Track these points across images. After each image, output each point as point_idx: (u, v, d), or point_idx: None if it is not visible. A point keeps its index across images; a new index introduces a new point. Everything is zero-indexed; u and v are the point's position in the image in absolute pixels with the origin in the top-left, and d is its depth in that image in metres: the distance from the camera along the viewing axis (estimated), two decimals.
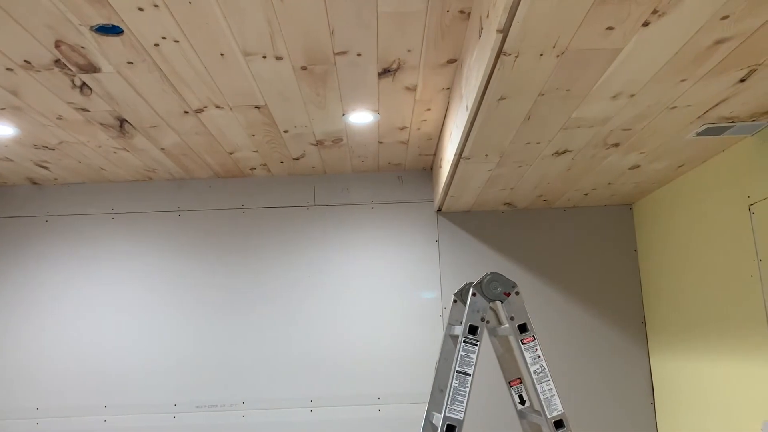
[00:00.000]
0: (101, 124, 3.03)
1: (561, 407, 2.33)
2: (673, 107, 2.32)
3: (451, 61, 2.54)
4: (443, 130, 3.24)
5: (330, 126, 3.20)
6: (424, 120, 3.18)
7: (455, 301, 2.86)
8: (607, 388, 3.77)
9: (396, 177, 4.03)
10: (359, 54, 2.44)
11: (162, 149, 3.43)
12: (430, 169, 4.03)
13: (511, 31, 1.71)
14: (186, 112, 2.93)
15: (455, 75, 2.66)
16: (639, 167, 3.09)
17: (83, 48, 2.30)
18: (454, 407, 2.33)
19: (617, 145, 2.75)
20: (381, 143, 3.50)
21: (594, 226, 3.94)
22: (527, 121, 2.41)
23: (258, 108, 2.93)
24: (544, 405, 2.33)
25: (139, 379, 3.78)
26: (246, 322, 3.85)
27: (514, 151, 2.77)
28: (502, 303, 2.45)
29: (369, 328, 3.84)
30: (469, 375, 2.37)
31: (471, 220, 3.96)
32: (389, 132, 3.33)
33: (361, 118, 3.11)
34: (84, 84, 2.60)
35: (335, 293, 3.88)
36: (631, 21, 1.69)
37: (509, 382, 2.64)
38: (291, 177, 4.03)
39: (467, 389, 2.35)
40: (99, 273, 3.89)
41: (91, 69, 2.47)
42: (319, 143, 3.45)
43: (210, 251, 3.93)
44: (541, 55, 1.86)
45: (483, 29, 1.95)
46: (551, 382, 2.35)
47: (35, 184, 3.99)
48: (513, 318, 2.42)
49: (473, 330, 2.41)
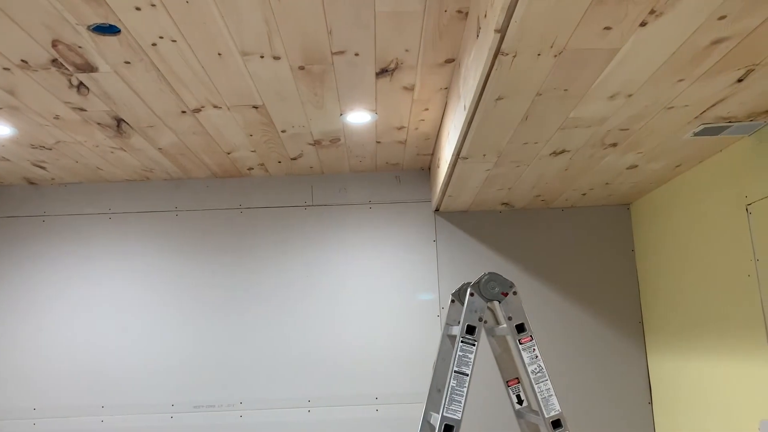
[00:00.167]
0: (98, 123, 3.02)
1: (558, 407, 2.33)
2: (671, 107, 2.33)
3: (449, 61, 2.54)
4: (441, 129, 3.24)
5: (328, 126, 3.20)
6: (421, 120, 3.18)
7: (453, 301, 2.86)
8: (605, 387, 3.77)
9: (394, 177, 4.03)
10: (357, 54, 2.44)
11: (159, 149, 3.42)
12: (427, 169, 4.03)
13: (509, 31, 1.71)
14: (183, 111, 2.92)
15: (453, 75, 2.66)
16: (636, 167, 3.10)
17: (80, 47, 2.29)
18: (451, 407, 2.33)
19: (615, 145, 2.75)
20: (379, 143, 3.49)
21: (591, 226, 3.95)
22: (525, 121, 2.41)
23: (255, 108, 2.93)
24: (541, 405, 2.33)
25: (137, 379, 3.77)
26: (243, 322, 3.84)
27: (511, 151, 2.77)
28: (499, 303, 2.45)
29: (367, 328, 3.84)
30: (467, 375, 2.37)
31: (469, 220, 3.96)
32: (387, 132, 3.33)
33: (359, 117, 3.11)
34: (81, 83, 2.59)
35: (333, 293, 3.88)
36: (629, 21, 1.69)
37: (507, 381, 2.64)
38: (289, 177, 4.02)
39: (465, 389, 2.35)
40: (96, 273, 3.89)
41: (88, 68, 2.46)
42: (317, 143, 3.45)
43: (207, 251, 3.92)
44: (539, 55, 1.86)
45: (481, 29, 1.95)
46: (549, 382, 2.35)
47: (32, 183, 3.98)
48: (511, 318, 2.42)
49: (471, 330, 2.41)
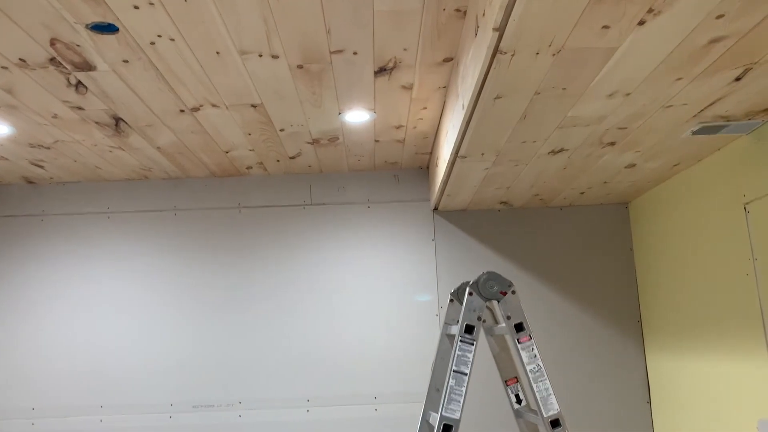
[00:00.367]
0: (97, 122, 3.02)
1: (557, 406, 2.33)
2: (669, 106, 2.33)
3: (448, 60, 2.54)
4: (439, 128, 3.24)
5: (326, 125, 3.20)
6: (420, 119, 3.18)
7: (452, 301, 2.86)
8: (603, 387, 3.77)
9: (392, 176, 4.03)
10: (355, 52, 2.44)
11: (158, 148, 3.42)
12: (426, 168, 4.03)
13: (507, 30, 1.71)
14: (182, 110, 2.92)
15: (451, 73, 2.66)
16: (635, 166, 3.10)
17: (78, 46, 2.29)
18: (450, 406, 2.33)
19: (613, 144, 2.75)
20: (377, 142, 3.49)
21: (590, 225, 3.95)
22: (523, 120, 2.41)
23: (254, 107, 2.93)
24: (540, 404, 2.33)
25: (136, 379, 3.77)
26: (242, 321, 3.84)
27: (510, 150, 2.77)
28: (498, 302, 2.45)
29: (366, 327, 3.84)
30: (466, 374, 2.37)
31: (467, 219, 3.96)
32: (385, 131, 3.33)
33: (358, 116, 3.11)
34: (79, 82, 2.59)
35: (332, 292, 3.88)
36: (627, 20, 1.69)
37: (506, 381, 2.64)
38: (287, 176, 4.02)
39: (464, 388, 2.35)
40: (95, 272, 3.89)
41: (87, 67, 2.46)
42: (316, 142, 3.44)
43: (206, 250, 3.92)
44: (537, 54, 1.86)
45: (479, 28, 1.95)
46: (547, 381, 2.35)
47: (30, 183, 3.98)
48: (509, 317, 2.42)
49: (470, 329, 2.42)
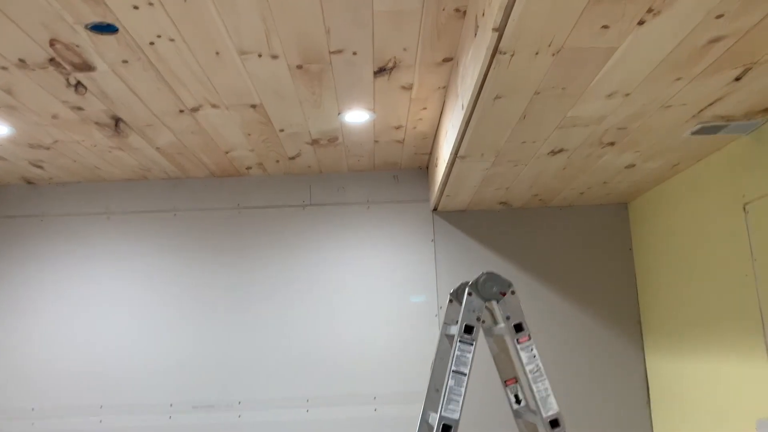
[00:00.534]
0: (96, 123, 3.02)
1: (556, 406, 2.33)
2: (668, 106, 2.33)
3: (447, 60, 2.54)
4: (439, 129, 3.24)
5: (326, 125, 3.20)
6: (419, 119, 3.18)
7: (451, 301, 2.86)
8: (603, 387, 3.77)
9: (392, 176, 4.03)
10: (355, 53, 2.44)
11: (157, 148, 3.42)
12: (425, 169, 4.03)
13: (507, 30, 1.71)
14: (181, 111, 2.92)
15: (451, 74, 2.66)
16: (634, 166, 3.10)
17: (78, 46, 2.29)
18: (450, 407, 2.33)
19: (612, 144, 2.75)
20: (377, 142, 3.49)
21: (589, 225, 3.95)
22: (523, 120, 2.41)
23: (253, 107, 2.93)
24: (539, 404, 2.33)
25: (135, 379, 3.77)
26: (242, 321, 3.84)
27: (509, 150, 2.77)
28: (497, 302, 2.45)
29: (365, 327, 3.84)
30: (465, 374, 2.37)
31: (467, 219, 3.96)
32: (385, 131, 3.33)
33: (357, 117, 3.11)
34: (79, 83, 2.59)
35: (331, 293, 3.88)
36: (627, 20, 1.69)
37: (505, 381, 2.64)
38: (287, 176, 4.02)
39: (463, 389, 2.35)
40: (94, 272, 3.88)
41: (86, 68, 2.46)
42: (315, 142, 3.44)
43: (205, 251, 3.92)
44: (537, 54, 1.86)
45: (479, 28, 1.95)
46: (547, 381, 2.35)
47: (30, 183, 3.98)
48: (509, 317, 2.42)
49: (469, 329, 2.41)
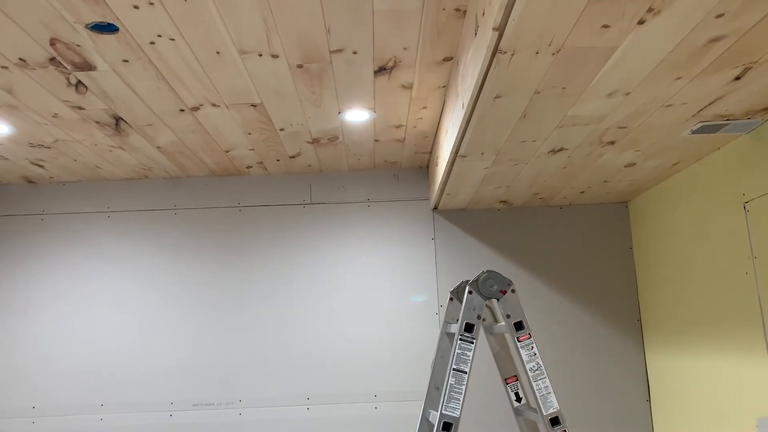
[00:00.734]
0: (97, 122, 3.02)
1: (557, 404, 2.34)
2: (669, 105, 2.33)
3: (447, 59, 2.54)
4: (439, 128, 3.25)
5: (326, 124, 3.20)
6: (420, 118, 3.18)
7: (451, 299, 2.86)
8: (603, 385, 3.78)
9: (392, 175, 4.03)
10: (355, 52, 2.44)
11: (158, 147, 3.42)
12: (426, 167, 4.04)
13: (507, 29, 1.72)
14: (182, 110, 2.92)
15: (451, 73, 2.66)
16: (634, 165, 3.10)
17: (78, 46, 2.29)
18: (450, 405, 2.34)
19: (613, 143, 2.75)
20: (377, 141, 3.50)
21: (590, 223, 3.95)
22: (523, 119, 2.41)
23: (254, 106, 2.93)
24: (540, 402, 2.34)
25: (136, 378, 3.78)
26: (242, 320, 3.85)
27: (510, 149, 2.78)
28: (498, 301, 2.45)
29: (365, 326, 3.84)
30: (466, 372, 2.37)
31: (467, 218, 3.97)
32: (385, 130, 3.33)
33: (357, 116, 3.11)
34: (79, 82, 2.59)
35: (332, 291, 3.88)
36: (627, 19, 1.69)
37: (505, 379, 2.64)
38: (287, 175, 4.03)
39: (464, 387, 2.36)
40: (95, 271, 3.89)
41: (87, 67, 2.46)
42: (315, 141, 3.45)
43: (206, 250, 3.92)
44: (537, 53, 1.87)
45: (479, 27, 1.95)
46: (547, 379, 2.36)
47: (30, 182, 3.98)
48: (509, 316, 2.43)
49: (469, 328, 2.42)
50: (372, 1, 2.09)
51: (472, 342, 2.40)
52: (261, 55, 2.43)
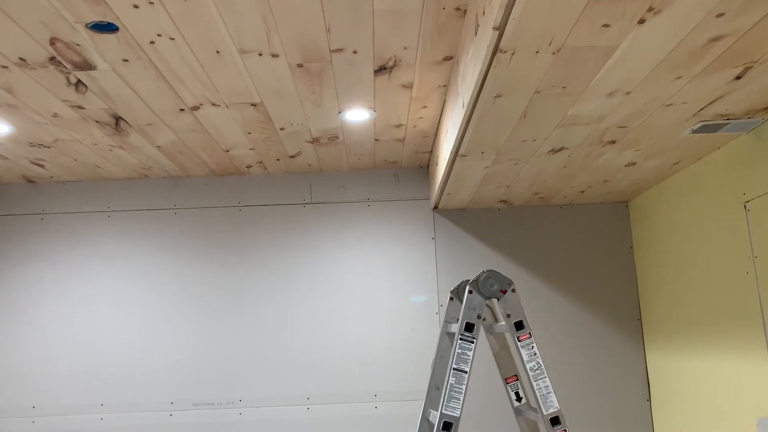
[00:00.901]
0: (97, 121, 3.02)
1: (557, 404, 2.34)
2: (669, 105, 2.33)
3: (448, 59, 2.54)
4: (439, 127, 3.24)
5: (326, 123, 3.20)
6: (420, 117, 3.18)
7: (452, 299, 2.86)
8: (603, 384, 3.78)
9: (392, 175, 4.03)
10: (355, 51, 2.44)
11: (158, 147, 3.42)
12: (426, 167, 4.04)
13: (507, 29, 1.71)
14: (182, 109, 2.92)
15: (451, 72, 2.66)
16: (635, 164, 3.10)
17: (78, 45, 2.29)
18: (450, 404, 2.34)
19: (613, 143, 2.75)
20: (377, 141, 3.49)
21: (590, 223, 3.95)
22: (523, 119, 2.41)
23: (254, 106, 2.93)
24: (540, 402, 2.34)
25: (136, 377, 3.78)
26: (242, 319, 3.84)
27: (510, 149, 2.78)
28: (498, 300, 2.45)
29: (366, 325, 3.84)
30: (466, 372, 2.37)
31: (467, 217, 3.97)
32: (385, 129, 3.33)
33: (358, 115, 3.11)
34: (79, 81, 2.59)
35: (332, 291, 3.88)
36: (627, 18, 1.69)
37: (506, 379, 2.64)
38: (287, 174, 4.02)
39: (464, 386, 2.36)
40: (95, 271, 3.89)
41: (86, 66, 2.46)
42: (316, 141, 3.45)
43: (206, 249, 3.92)
44: (537, 53, 1.86)
45: (479, 26, 1.95)
46: (547, 379, 2.36)
47: (30, 182, 3.98)
48: (509, 315, 2.43)
49: (470, 327, 2.42)
50: (372, 1, 2.09)
51: (472, 341, 2.40)
52: (261, 55, 2.43)
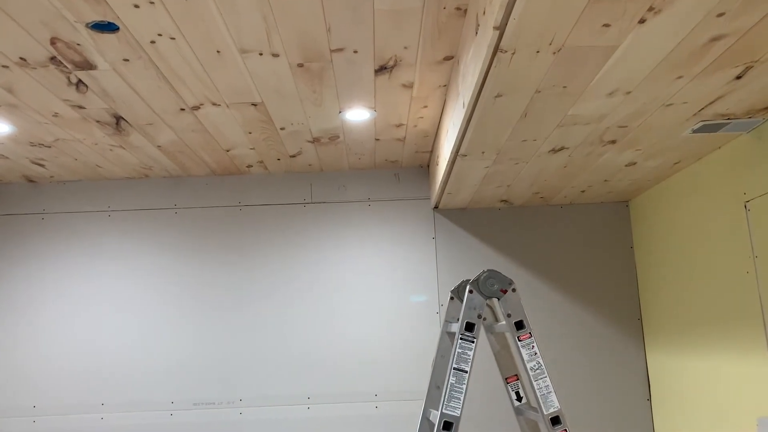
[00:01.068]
0: (97, 121, 3.02)
1: (557, 404, 2.34)
2: (669, 104, 2.33)
3: (448, 58, 2.54)
4: (440, 127, 3.24)
5: (327, 123, 3.20)
6: (420, 117, 3.18)
7: (452, 299, 2.86)
8: (604, 384, 3.78)
9: (393, 174, 4.03)
10: (356, 51, 2.44)
11: (158, 146, 3.42)
12: (426, 167, 4.04)
13: (508, 28, 1.72)
14: (182, 109, 2.92)
15: (452, 72, 2.66)
16: (635, 164, 3.10)
17: (79, 45, 2.29)
18: (451, 404, 2.34)
19: (613, 142, 2.75)
20: (378, 140, 3.49)
21: (590, 223, 3.95)
22: (524, 119, 2.41)
23: (254, 105, 2.93)
24: (540, 401, 2.34)
25: (136, 377, 3.78)
26: (243, 319, 3.85)
27: (510, 149, 2.78)
28: (498, 300, 2.45)
29: (366, 325, 3.84)
30: (466, 372, 2.37)
31: (468, 217, 3.97)
32: (386, 129, 3.33)
33: (358, 115, 3.11)
34: (80, 81, 2.59)
35: (332, 290, 3.88)
36: (627, 18, 1.69)
37: (506, 378, 2.64)
38: (288, 174, 4.03)
39: (464, 386, 2.36)
40: (95, 271, 3.89)
41: (87, 66, 2.46)
42: (316, 140, 3.45)
43: (206, 249, 3.92)
44: (538, 52, 1.86)
45: (479, 26, 1.95)
46: (548, 378, 2.36)
47: (31, 181, 3.98)
48: (510, 315, 2.43)
49: (470, 327, 2.42)
50: (372, 0, 2.09)
51: (472, 341, 2.40)
52: (261, 54, 2.43)
